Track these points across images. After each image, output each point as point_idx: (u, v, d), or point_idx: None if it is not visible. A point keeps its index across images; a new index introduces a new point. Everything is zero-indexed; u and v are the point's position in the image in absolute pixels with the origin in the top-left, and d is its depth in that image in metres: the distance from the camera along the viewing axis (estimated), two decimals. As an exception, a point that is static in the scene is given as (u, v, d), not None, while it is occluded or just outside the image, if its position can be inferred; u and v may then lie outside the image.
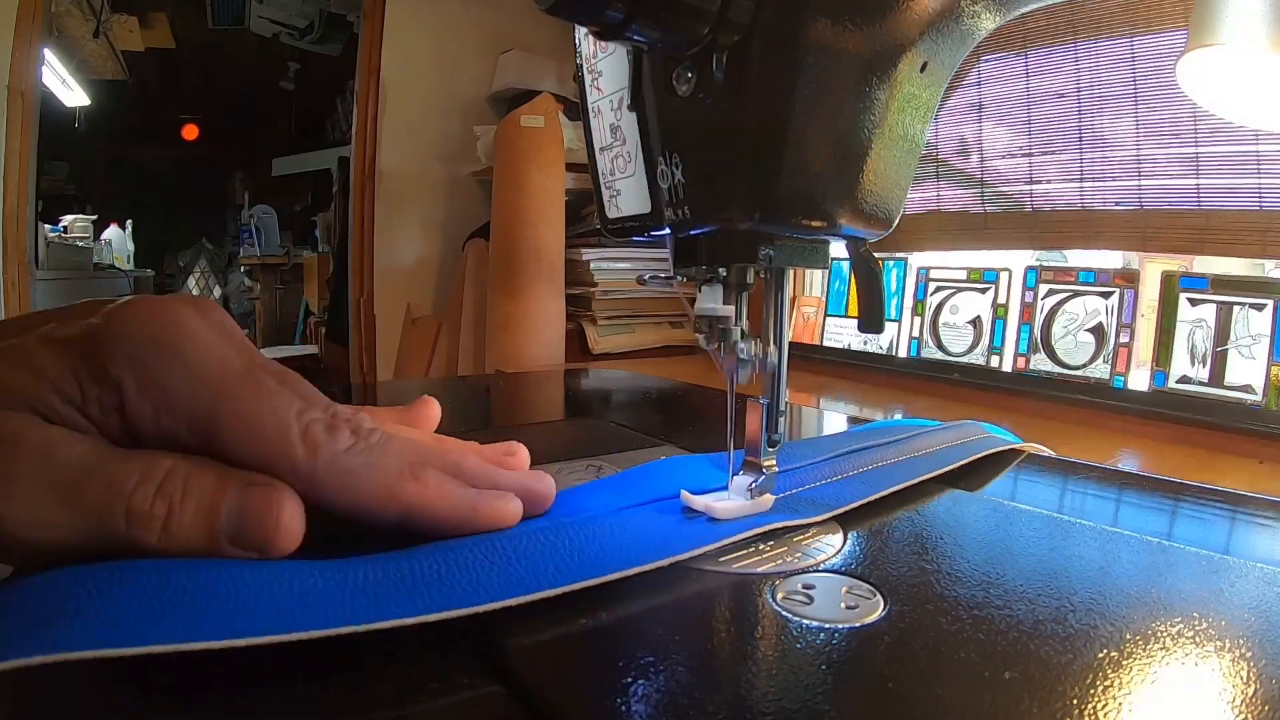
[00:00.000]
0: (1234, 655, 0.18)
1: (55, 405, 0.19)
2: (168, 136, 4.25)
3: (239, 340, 0.21)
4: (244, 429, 0.19)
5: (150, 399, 0.19)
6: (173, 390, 0.19)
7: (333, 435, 0.20)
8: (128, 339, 0.19)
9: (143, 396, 0.19)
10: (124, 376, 0.19)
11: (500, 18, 1.67)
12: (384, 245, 1.65)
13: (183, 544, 0.19)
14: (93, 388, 0.19)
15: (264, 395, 0.20)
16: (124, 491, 0.18)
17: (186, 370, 0.19)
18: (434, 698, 0.16)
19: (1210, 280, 0.70)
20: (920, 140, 0.26)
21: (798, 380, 0.99)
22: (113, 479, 0.18)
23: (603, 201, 0.29)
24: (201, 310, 0.21)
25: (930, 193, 1.02)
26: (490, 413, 0.57)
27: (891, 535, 0.26)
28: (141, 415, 0.19)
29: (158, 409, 0.19)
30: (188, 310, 0.20)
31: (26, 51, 1.39)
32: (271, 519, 0.19)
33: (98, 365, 0.19)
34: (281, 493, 0.19)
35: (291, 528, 0.19)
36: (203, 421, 0.19)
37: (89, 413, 0.19)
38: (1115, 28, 0.82)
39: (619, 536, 0.22)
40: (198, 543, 0.19)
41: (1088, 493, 0.34)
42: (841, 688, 0.17)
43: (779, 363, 0.27)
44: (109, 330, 0.19)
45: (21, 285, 1.43)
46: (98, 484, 0.18)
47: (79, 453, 0.18)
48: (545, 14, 0.20)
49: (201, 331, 0.20)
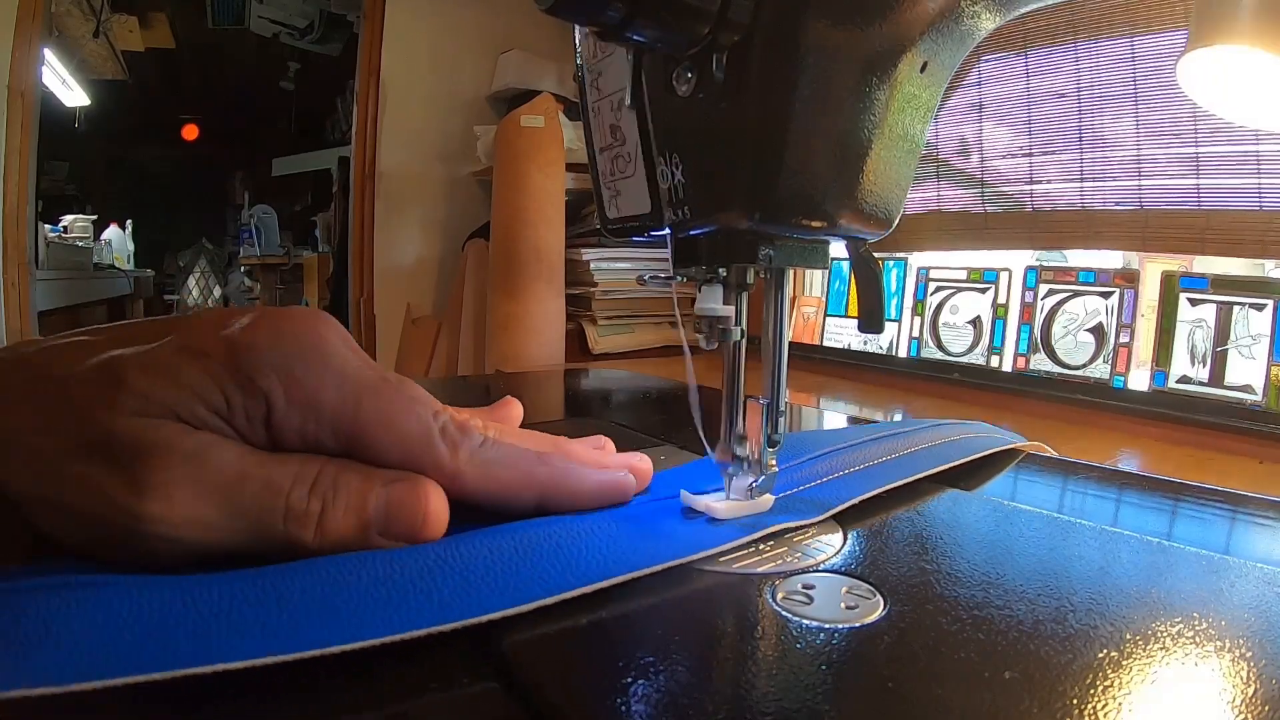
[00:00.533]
0: (1234, 655, 0.18)
1: (201, 414, 0.19)
2: (168, 136, 4.25)
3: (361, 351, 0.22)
4: (389, 434, 0.21)
5: (298, 409, 0.20)
6: (320, 400, 0.20)
7: (467, 434, 0.22)
8: (277, 351, 0.20)
9: (290, 406, 0.20)
10: (273, 387, 0.20)
11: (500, 18, 1.67)
12: (384, 245, 1.65)
13: (336, 538, 0.20)
14: (239, 398, 0.20)
15: (403, 401, 0.22)
16: (281, 491, 0.19)
17: (333, 380, 0.20)
18: (433, 696, 0.16)
19: (1210, 280, 0.70)
20: (920, 140, 0.26)
21: (798, 380, 0.99)
22: (269, 481, 0.19)
23: (603, 201, 0.29)
24: (334, 324, 0.22)
25: (930, 193, 1.02)
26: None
27: (891, 535, 0.26)
28: (288, 424, 0.20)
29: (305, 418, 0.20)
30: (326, 323, 0.21)
31: (26, 51, 1.39)
32: (420, 510, 0.21)
33: (245, 377, 0.20)
34: (427, 485, 0.21)
35: (439, 517, 0.21)
36: (348, 428, 0.21)
37: (234, 422, 0.20)
38: (1115, 28, 0.82)
39: (620, 539, 0.22)
40: (351, 536, 0.20)
41: (1088, 493, 0.34)
42: (841, 688, 0.17)
43: (779, 363, 0.27)
44: (255, 342, 0.20)
45: (21, 285, 1.43)
46: (255, 486, 0.19)
47: (233, 457, 0.19)
48: (545, 14, 0.20)
49: (338, 343, 0.21)
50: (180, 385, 0.19)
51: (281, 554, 0.19)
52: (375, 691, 0.16)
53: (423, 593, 0.18)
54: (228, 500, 0.19)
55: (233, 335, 0.20)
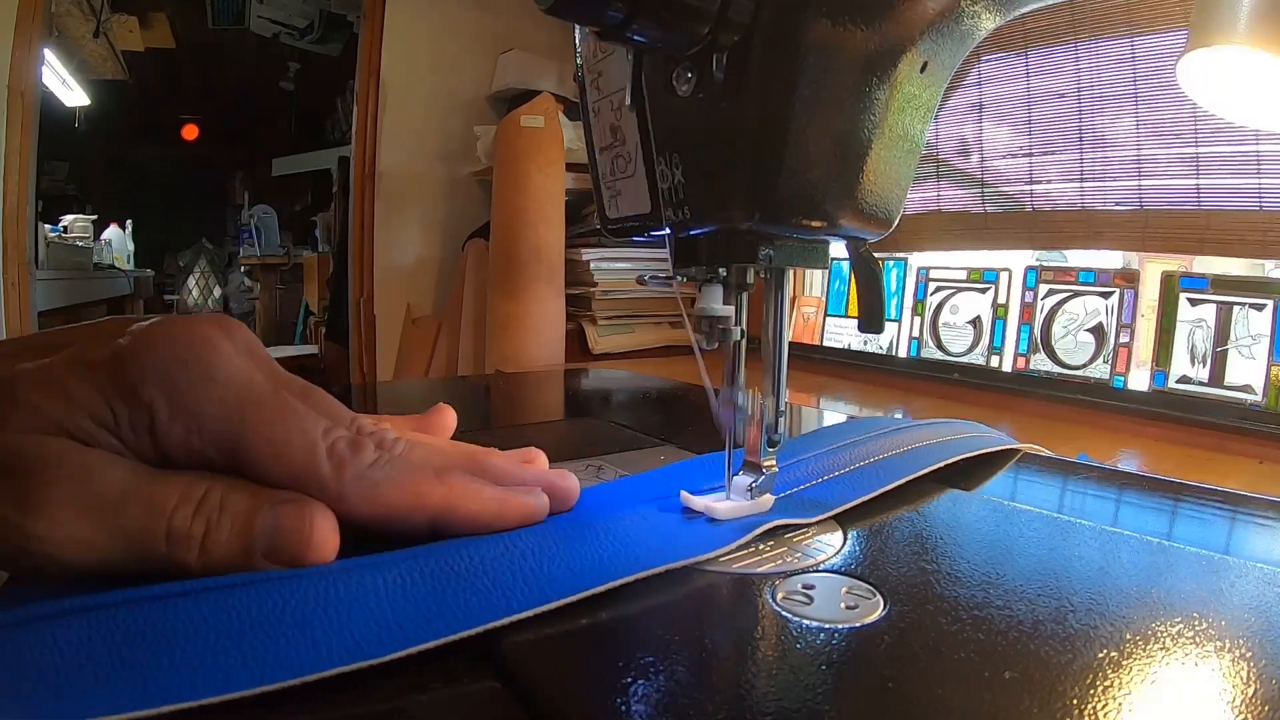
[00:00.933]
0: (1234, 655, 0.18)
1: (88, 428, 0.19)
2: (168, 136, 4.25)
3: (264, 359, 0.22)
4: (272, 450, 0.20)
5: (181, 421, 0.19)
6: (203, 412, 0.20)
7: (357, 452, 0.21)
8: (158, 361, 0.19)
9: (174, 418, 0.19)
10: (155, 399, 0.19)
11: (500, 18, 1.67)
12: (384, 245, 1.65)
13: (220, 561, 0.19)
14: (124, 410, 0.19)
15: (291, 416, 0.20)
16: (164, 512, 0.19)
17: (216, 392, 0.20)
18: (433, 696, 0.16)
19: (1210, 280, 0.70)
20: (920, 140, 0.26)
21: (798, 380, 0.99)
22: (152, 501, 0.19)
23: (603, 201, 0.29)
24: (228, 330, 0.21)
25: (930, 193, 1.02)
26: (490, 413, 0.57)
27: (891, 535, 0.26)
28: (172, 436, 0.20)
29: (188, 430, 0.20)
30: (215, 331, 0.21)
31: (26, 51, 1.39)
32: (304, 534, 0.20)
33: (128, 388, 0.19)
34: (313, 508, 0.20)
35: (324, 542, 0.20)
36: (232, 442, 0.20)
37: (121, 434, 0.19)
38: (1115, 28, 0.82)
39: (621, 541, 0.22)
40: (235, 559, 0.19)
41: (1088, 493, 0.34)
42: (841, 688, 0.17)
43: (780, 363, 0.27)
44: (138, 353, 0.19)
45: (21, 285, 1.43)
46: (138, 506, 0.19)
47: (118, 476, 0.19)
48: (545, 14, 0.20)
49: (228, 352, 0.20)
50: (69, 399, 0.19)
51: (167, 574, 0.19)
52: (375, 691, 0.16)
53: (422, 601, 0.18)
54: (109, 520, 0.18)
55: (120, 346, 0.20)
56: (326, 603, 0.18)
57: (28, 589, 0.19)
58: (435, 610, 0.18)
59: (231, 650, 0.16)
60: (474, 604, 0.18)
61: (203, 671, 0.16)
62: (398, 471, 0.21)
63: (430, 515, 0.21)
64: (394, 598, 0.18)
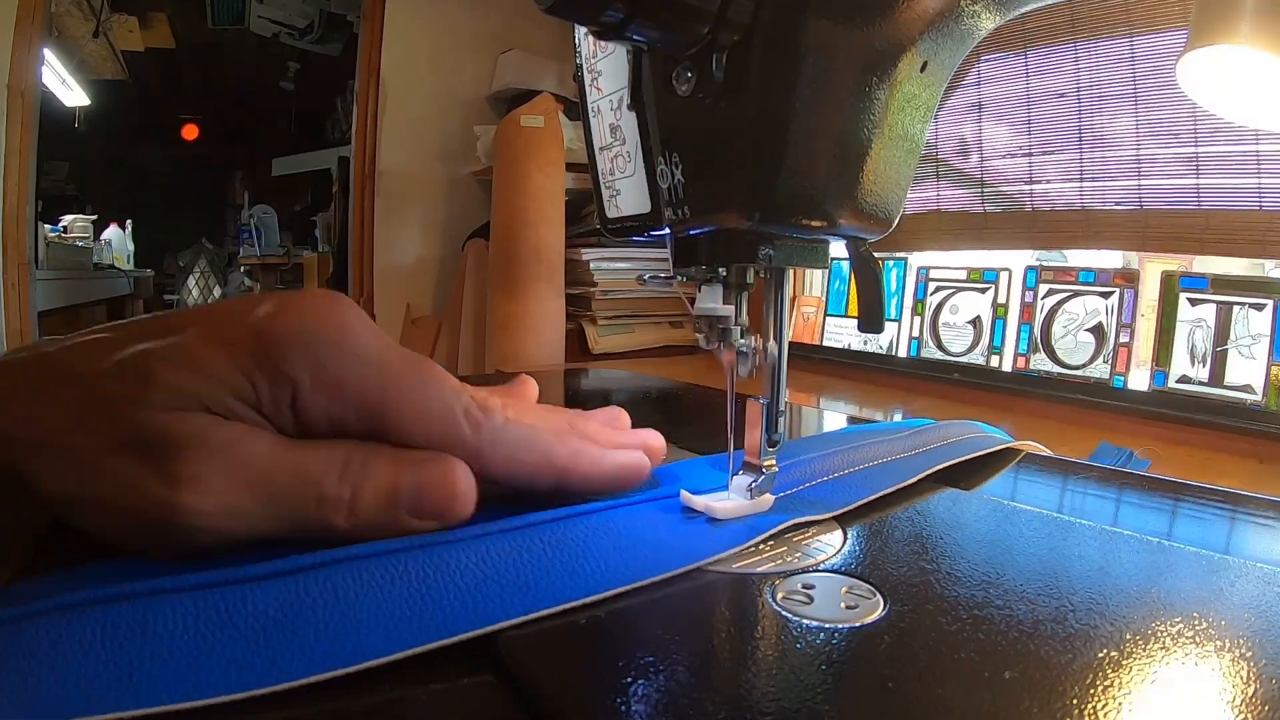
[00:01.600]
0: (1234, 655, 0.18)
1: (229, 403, 0.20)
2: (168, 136, 4.24)
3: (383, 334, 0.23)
4: (415, 415, 0.21)
5: (324, 392, 0.20)
6: (346, 383, 0.21)
7: (489, 414, 0.23)
8: (301, 337, 0.20)
9: (316, 390, 0.20)
10: (298, 373, 0.20)
11: (500, 18, 1.67)
12: (384, 245, 1.65)
13: (368, 521, 0.20)
14: (265, 384, 0.20)
15: (429, 382, 0.22)
16: (313, 478, 0.20)
17: (357, 364, 0.21)
18: (433, 694, 0.16)
19: (1210, 280, 0.70)
20: (920, 140, 0.26)
21: (798, 380, 0.99)
22: (300, 468, 0.20)
23: (603, 201, 0.29)
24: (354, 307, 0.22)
25: (930, 193, 1.02)
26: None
27: (891, 535, 0.26)
28: (314, 407, 0.20)
29: (330, 401, 0.20)
30: (348, 307, 0.22)
31: (26, 51, 1.39)
32: (449, 488, 0.21)
33: (270, 363, 0.20)
34: (455, 464, 0.21)
35: (467, 496, 0.21)
36: (374, 410, 0.21)
37: (262, 408, 0.20)
38: (1115, 28, 0.82)
39: (622, 543, 0.22)
40: (382, 518, 0.20)
41: (1088, 493, 0.34)
42: (841, 688, 0.17)
43: (779, 362, 0.27)
44: (278, 329, 0.20)
45: (21, 285, 1.43)
46: (287, 474, 0.20)
47: (262, 447, 0.20)
48: (545, 14, 0.20)
49: (360, 327, 0.21)
50: (207, 376, 0.19)
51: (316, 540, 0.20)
52: (374, 688, 0.16)
53: (423, 603, 0.18)
54: (261, 489, 0.19)
55: (258, 324, 0.20)
56: (315, 605, 0.18)
57: (33, 588, 0.19)
58: (432, 613, 0.18)
59: (218, 652, 0.16)
60: (473, 607, 0.18)
61: (188, 673, 0.16)
62: (526, 433, 0.23)
63: (555, 473, 0.24)
64: (392, 598, 0.18)
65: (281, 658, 0.16)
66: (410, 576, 0.19)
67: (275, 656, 0.16)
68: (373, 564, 0.19)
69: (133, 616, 0.17)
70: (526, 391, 0.31)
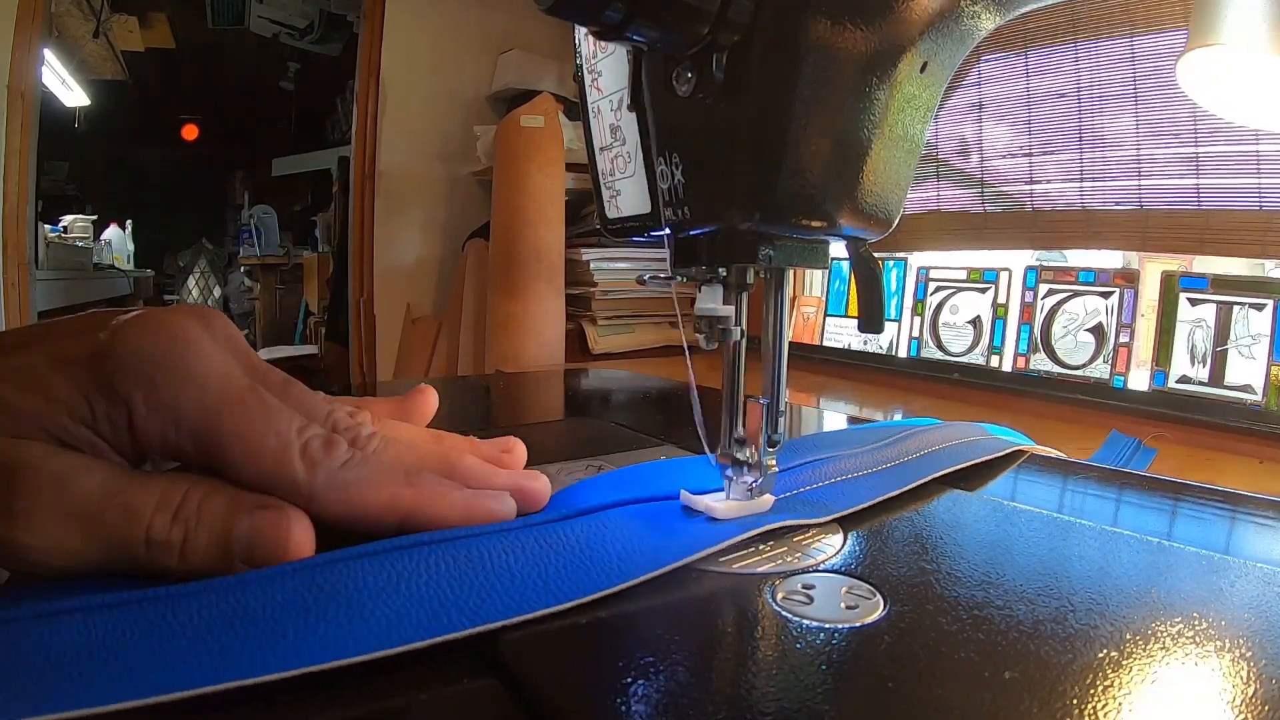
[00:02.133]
0: (1234, 655, 0.18)
1: (68, 426, 0.19)
2: (168, 136, 4.25)
3: (242, 351, 0.22)
4: (246, 449, 0.20)
5: (158, 416, 0.20)
6: (179, 409, 0.20)
7: (330, 451, 0.21)
8: (136, 357, 0.19)
9: (151, 414, 0.19)
10: (132, 395, 0.19)
11: (500, 18, 1.67)
12: (384, 245, 1.65)
13: (200, 566, 0.19)
14: (103, 406, 0.19)
15: (266, 415, 0.20)
16: (142, 520, 0.19)
17: (192, 388, 0.20)
18: (433, 695, 0.16)
19: (1210, 280, 0.70)
20: (920, 140, 0.26)
21: (798, 380, 0.99)
22: (130, 506, 0.19)
23: (603, 201, 0.29)
24: (206, 322, 0.21)
25: (930, 193, 1.02)
26: (490, 413, 0.57)
27: (891, 535, 0.26)
28: (149, 431, 0.20)
29: (165, 425, 0.20)
30: (193, 325, 0.21)
31: (26, 51, 1.39)
32: (281, 541, 0.20)
33: (106, 384, 0.19)
34: (289, 514, 0.20)
35: (301, 547, 0.20)
36: (207, 439, 0.20)
37: (100, 430, 0.19)
38: (1115, 28, 0.82)
39: (622, 541, 0.22)
40: (214, 564, 0.19)
41: (1088, 493, 0.34)
42: (841, 688, 0.17)
43: (779, 363, 0.27)
44: (116, 349, 0.19)
45: (21, 285, 1.43)
46: (117, 512, 0.19)
47: (97, 481, 0.19)
48: (545, 14, 0.20)
49: (206, 346, 0.20)
50: (49, 398, 0.19)
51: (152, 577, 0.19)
52: (375, 690, 0.16)
53: (424, 602, 0.18)
54: (90, 528, 0.19)
55: (98, 342, 0.20)
56: (309, 603, 0.18)
57: (24, 590, 0.19)
58: (433, 610, 0.18)
59: (215, 647, 0.16)
60: (472, 605, 0.18)
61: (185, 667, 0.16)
62: (369, 472, 0.21)
63: (400, 517, 0.21)
64: (390, 596, 0.18)
65: (275, 652, 0.16)
66: (405, 577, 0.19)
67: (269, 651, 0.16)
68: (362, 565, 0.19)
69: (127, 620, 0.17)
70: (421, 407, 0.28)
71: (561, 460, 0.35)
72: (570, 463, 0.34)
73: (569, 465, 0.34)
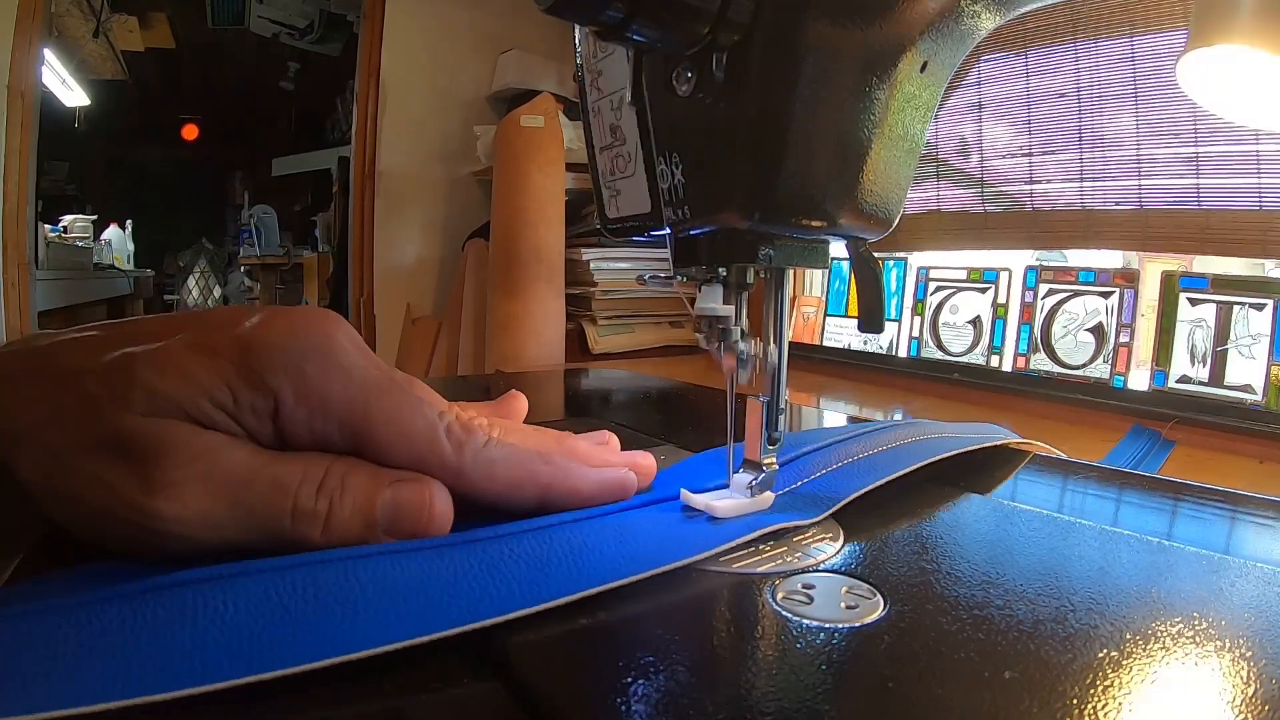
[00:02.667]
0: (1234, 655, 0.18)
1: (209, 411, 0.20)
2: (168, 136, 4.25)
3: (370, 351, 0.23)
4: (397, 433, 0.21)
5: (306, 407, 0.20)
6: (330, 399, 0.21)
7: (471, 433, 0.23)
8: (286, 349, 0.20)
9: (299, 403, 0.20)
10: (282, 385, 0.20)
11: (500, 18, 1.67)
12: (384, 245, 1.65)
13: (343, 537, 0.20)
14: (246, 395, 0.20)
15: (412, 402, 0.22)
16: (289, 490, 0.20)
17: (341, 380, 0.21)
18: (434, 695, 0.16)
19: (1210, 280, 0.70)
20: (920, 140, 0.26)
21: (798, 380, 0.99)
22: (277, 480, 0.20)
23: (603, 201, 0.29)
24: (341, 323, 0.22)
25: (930, 193, 1.02)
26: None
27: (891, 535, 0.26)
28: (296, 421, 0.20)
29: (312, 414, 0.21)
30: (335, 323, 0.22)
31: (26, 51, 1.39)
32: (425, 509, 0.21)
33: (254, 374, 0.20)
34: (432, 486, 0.21)
35: (443, 517, 0.21)
36: (356, 427, 0.21)
37: (240, 418, 0.20)
38: (1115, 28, 0.82)
39: (621, 541, 0.22)
40: (357, 536, 0.20)
41: (1088, 493, 0.34)
42: (841, 688, 0.17)
43: (779, 362, 0.27)
44: (266, 341, 0.20)
45: (21, 285, 1.43)
46: (264, 486, 0.20)
47: (241, 457, 0.20)
48: (545, 14, 0.20)
49: (346, 342, 0.21)
50: (190, 382, 0.19)
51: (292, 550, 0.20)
52: (376, 691, 0.16)
53: (425, 598, 0.18)
54: (236, 499, 0.19)
55: (244, 334, 0.20)
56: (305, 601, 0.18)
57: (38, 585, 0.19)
58: (430, 607, 0.18)
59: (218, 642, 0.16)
60: (471, 602, 0.18)
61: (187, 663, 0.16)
62: (509, 452, 0.23)
63: (539, 492, 0.24)
64: (388, 594, 0.18)
65: (268, 649, 0.16)
66: (401, 578, 0.19)
67: (263, 648, 0.16)
68: (362, 564, 0.19)
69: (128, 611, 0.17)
70: (515, 408, 0.31)
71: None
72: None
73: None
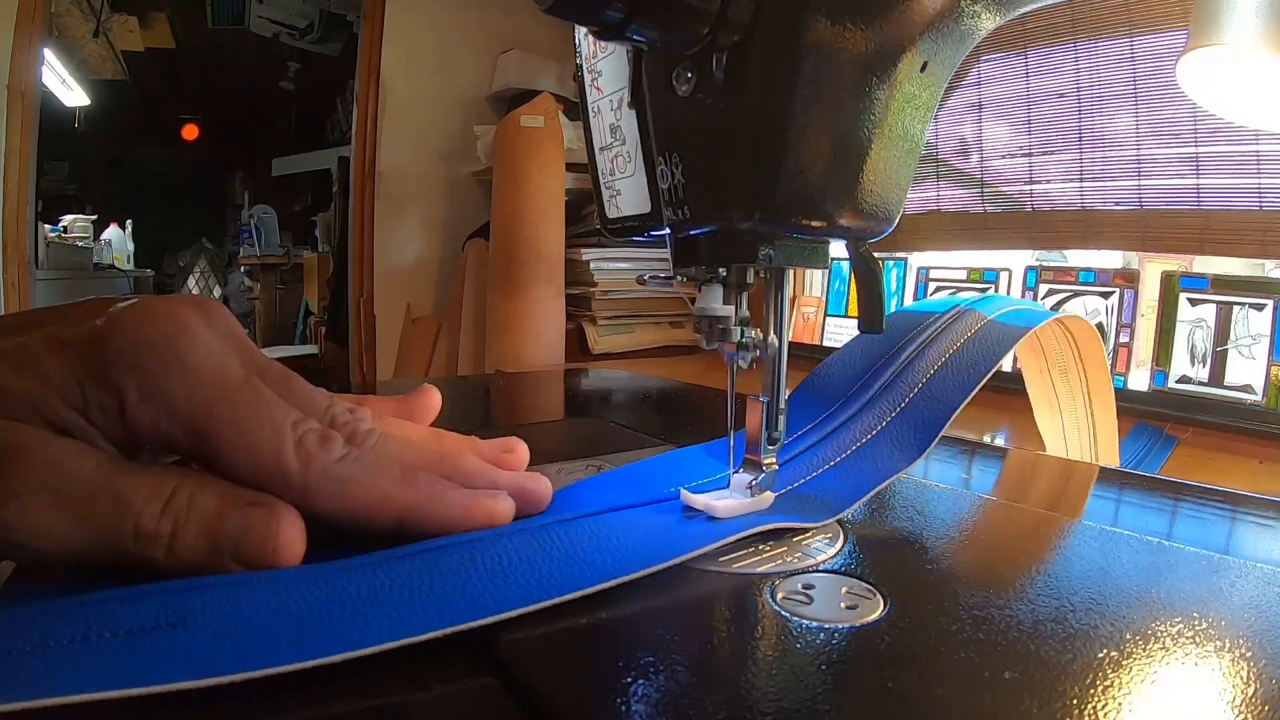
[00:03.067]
0: (1234, 655, 0.18)
1: (59, 410, 0.19)
2: (168, 136, 4.24)
3: (241, 343, 0.21)
4: (240, 440, 0.20)
5: (150, 405, 0.19)
6: (172, 397, 0.19)
7: (326, 446, 0.21)
8: (130, 344, 0.19)
9: (143, 402, 0.19)
10: (125, 382, 0.19)
11: (500, 18, 1.67)
12: (384, 245, 1.66)
13: (187, 560, 0.19)
14: (95, 392, 0.19)
15: (261, 406, 0.20)
16: (132, 509, 0.18)
17: (186, 378, 0.19)
18: (433, 695, 0.16)
19: (1210, 280, 0.70)
20: (920, 140, 0.26)
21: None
22: (121, 496, 0.19)
23: (603, 201, 0.29)
24: (204, 312, 0.21)
25: (930, 193, 1.02)
26: (490, 413, 0.57)
27: (891, 535, 0.26)
28: (141, 420, 0.19)
29: (157, 414, 0.19)
30: (190, 313, 0.20)
31: (26, 51, 1.39)
32: (270, 539, 0.19)
33: (100, 370, 0.19)
34: (280, 512, 0.20)
35: (291, 546, 0.19)
36: (200, 430, 0.19)
37: (91, 417, 0.19)
38: (1115, 28, 0.82)
39: (619, 539, 0.22)
40: (202, 560, 0.19)
41: (1088, 493, 0.34)
42: (841, 688, 0.17)
43: (779, 362, 0.27)
44: (111, 334, 0.19)
45: (21, 285, 1.43)
46: (107, 501, 0.18)
47: (87, 467, 0.19)
48: (545, 14, 0.20)
49: (203, 336, 0.20)
50: (41, 379, 0.19)
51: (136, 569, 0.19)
52: (375, 690, 0.16)
53: (424, 597, 0.18)
54: (79, 514, 0.18)
55: (93, 326, 0.19)
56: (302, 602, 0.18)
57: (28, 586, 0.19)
58: (429, 605, 0.18)
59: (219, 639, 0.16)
60: (469, 600, 0.18)
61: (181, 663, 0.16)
62: (364, 469, 0.21)
63: (394, 516, 0.21)
64: (387, 592, 0.18)
65: (269, 648, 0.16)
66: (397, 582, 0.19)
67: (258, 646, 0.16)
68: (353, 574, 0.19)
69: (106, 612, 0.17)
70: (424, 405, 0.28)
71: (561, 460, 0.35)
72: (570, 463, 0.34)
73: (569, 465, 0.34)
